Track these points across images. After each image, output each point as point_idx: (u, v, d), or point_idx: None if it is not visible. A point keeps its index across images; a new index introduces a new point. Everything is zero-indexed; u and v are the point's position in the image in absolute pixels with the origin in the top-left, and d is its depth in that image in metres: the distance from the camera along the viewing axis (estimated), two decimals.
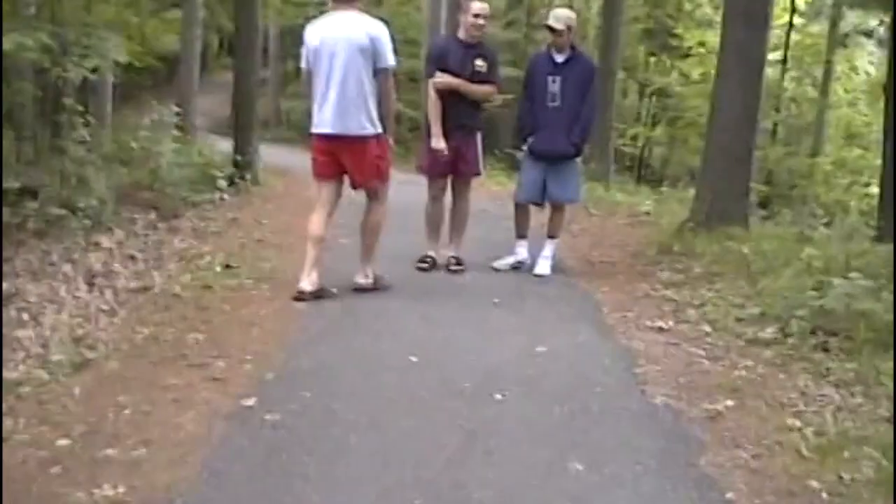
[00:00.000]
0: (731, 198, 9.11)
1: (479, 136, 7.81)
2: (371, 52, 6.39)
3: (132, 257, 7.61)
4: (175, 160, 10.99)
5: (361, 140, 6.50)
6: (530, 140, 7.76)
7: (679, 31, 26.80)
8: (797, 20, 24.43)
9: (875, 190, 14.86)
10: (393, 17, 24.45)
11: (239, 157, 12.54)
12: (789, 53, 23.66)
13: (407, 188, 7.41)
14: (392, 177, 6.95)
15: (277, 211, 11.02)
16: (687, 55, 27.01)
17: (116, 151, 11.49)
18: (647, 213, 11.42)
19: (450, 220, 7.95)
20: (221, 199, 11.16)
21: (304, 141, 27.24)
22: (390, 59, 6.49)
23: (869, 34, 24.44)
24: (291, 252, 7.99)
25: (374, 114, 6.51)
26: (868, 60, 27.84)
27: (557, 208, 8.01)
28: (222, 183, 11.42)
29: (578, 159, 7.89)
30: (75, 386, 4.55)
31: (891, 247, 7.22)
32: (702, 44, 25.81)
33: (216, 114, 28.59)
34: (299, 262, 6.82)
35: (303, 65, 6.67)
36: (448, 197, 7.91)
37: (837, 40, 24.76)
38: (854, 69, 27.63)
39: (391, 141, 6.80)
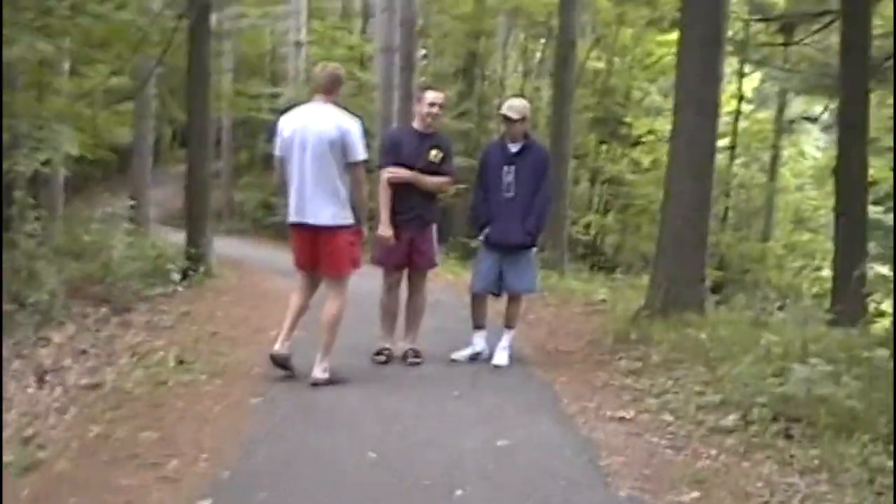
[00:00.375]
0: (686, 284, 9.14)
1: (433, 228, 7.81)
2: (341, 146, 6.57)
3: (83, 353, 7.45)
4: (128, 253, 10.91)
5: (334, 230, 6.68)
6: (486, 230, 7.77)
7: (628, 119, 27.23)
8: (745, 107, 24.92)
9: (828, 273, 15.07)
10: (347, 108, 24.50)
11: (192, 249, 12.44)
12: (738, 140, 24.08)
13: (362, 278, 7.35)
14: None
15: (232, 304, 10.90)
16: (637, 143, 27.41)
17: (68, 244, 11.38)
18: (603, 301, 11.44)
19: (406, 312, 7.89)
20: (175, 291, 11.04)
21: (257, 232, 27.25)
22: (360, 153, 6.70)
23: (814, 120, 25.02)
24: (247, 346, 7.89)
25: (347, 204, 6.69)
26: (814, 145, 28.46)
27: (514, 298, 7.99)
28: (175, 276, 11.33)
29: (534, 249, 7.90)
30: (24, 488, 4.40)
31: (847, 331, 7.27)
32: (651, 132, 26.33)
33: (169, 205, 28.53)
34: (255, 356, 6.74)
35: (276, 152, 6.84)
36: (404, 288, 7.86)
37: (784, 126, 25.31)
38: (801, 154, 28.22)
39: (363, 231, 6.97)
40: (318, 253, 6.80)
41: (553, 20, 23.84)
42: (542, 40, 30.35)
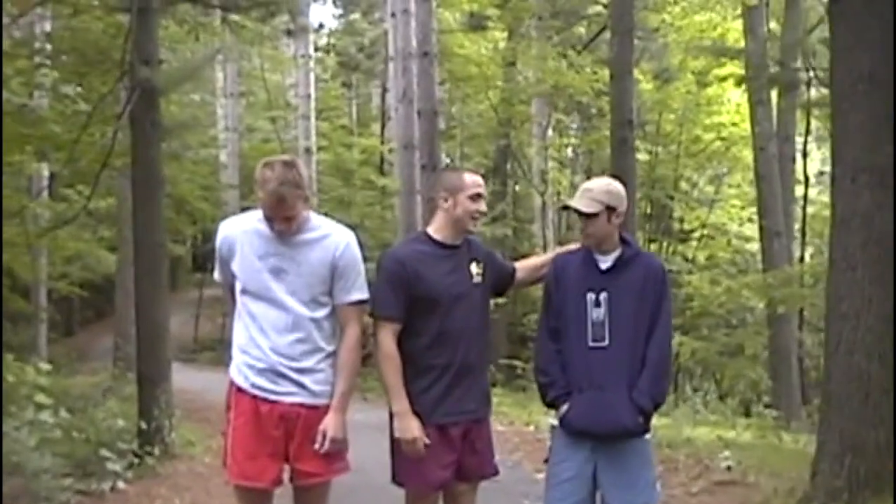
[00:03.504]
0: (877, 452, 5.86)
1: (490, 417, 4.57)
2: None
3: None
4: (44, 436, 7.77)
5: None
6: (563, 409, 4.33)
7: (677, 213, 25.72)
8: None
9: None
10: (363, 219, 21.80)
11: (144, 424, 8.93)
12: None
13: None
14: None
15: None
16: (687, 238, 26.05)
17: None
18: (729, 469, 7.91)
19: None
20: (114, 488, 7.77)
21: None
22: None
23: None
24: None
25: None
26: None
27: None
28: (115, 465, 8.00)
29: (649, 435, 4.41)
30: None
31: None
32: (704, 225, 25.33)
33: (182, 336, 26.31)
34: None
35: None
36: None
37: None
38: None
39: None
40: None
41: (597, 103, 21.68)
42: (573, 127, 28.27)
